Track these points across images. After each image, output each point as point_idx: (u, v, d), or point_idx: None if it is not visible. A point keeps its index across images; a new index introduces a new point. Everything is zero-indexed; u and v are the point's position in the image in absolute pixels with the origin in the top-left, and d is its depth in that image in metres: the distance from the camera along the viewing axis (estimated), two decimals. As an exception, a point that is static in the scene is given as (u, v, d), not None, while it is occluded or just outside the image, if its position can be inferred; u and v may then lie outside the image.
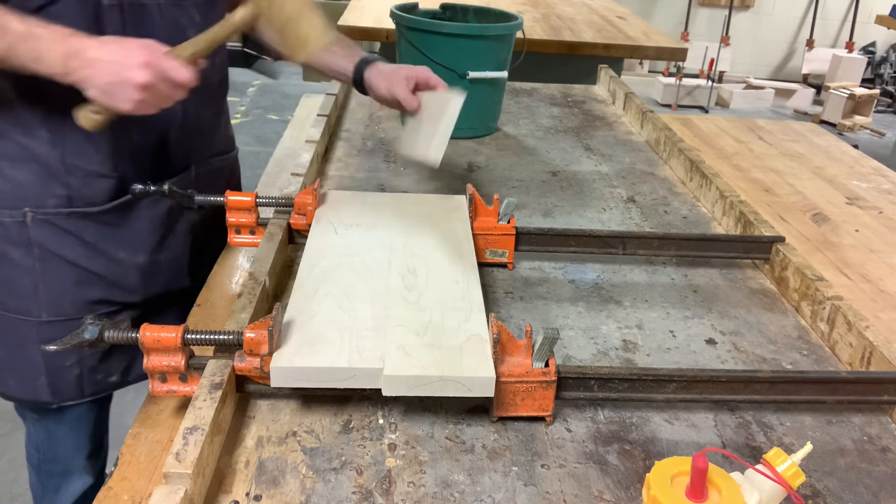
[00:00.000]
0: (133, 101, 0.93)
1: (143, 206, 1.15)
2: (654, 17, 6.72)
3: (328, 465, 0.78)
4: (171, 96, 0.97)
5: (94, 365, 1.16)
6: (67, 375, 1.15)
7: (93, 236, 1.11)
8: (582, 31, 2.82)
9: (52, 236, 1.09)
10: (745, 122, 2.28)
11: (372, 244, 1.09)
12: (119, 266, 1.15)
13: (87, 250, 1.12)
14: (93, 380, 1.17)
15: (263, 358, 0.81)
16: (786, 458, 0.68)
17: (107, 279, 1.14)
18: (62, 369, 1.14)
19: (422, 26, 1.69)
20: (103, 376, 1.18)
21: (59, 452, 1.29)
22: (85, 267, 1.12)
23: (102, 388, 1.19)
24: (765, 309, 1.15)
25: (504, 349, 0.83)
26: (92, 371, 1.16)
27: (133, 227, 1.15)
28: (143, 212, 1.15)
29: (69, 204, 1.08)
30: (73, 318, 1.12)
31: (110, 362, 1.18)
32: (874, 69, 6.86)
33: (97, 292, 1.14)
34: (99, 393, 1.19)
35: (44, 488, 1.34)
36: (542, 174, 1.62)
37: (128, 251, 1.15)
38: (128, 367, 1.20)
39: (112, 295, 1.16)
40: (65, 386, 1.16)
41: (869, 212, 1.64)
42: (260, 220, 1.19)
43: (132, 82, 0.92)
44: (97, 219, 1.11)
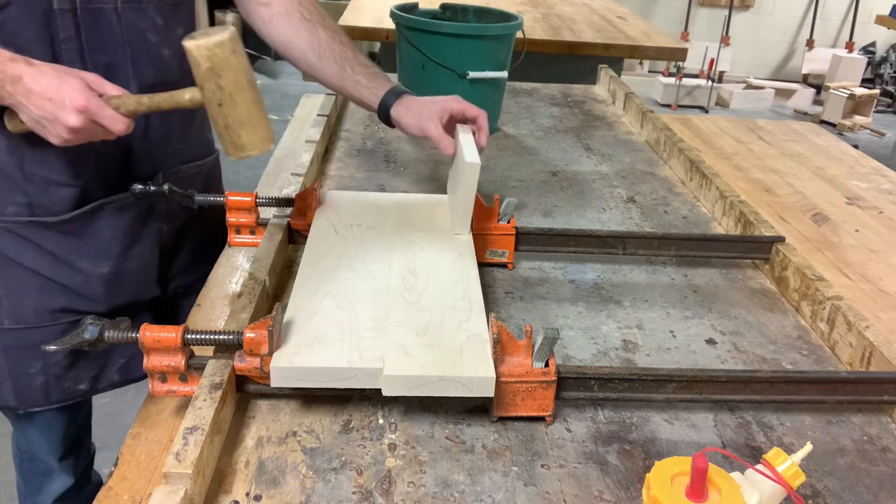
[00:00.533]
0: (61, 139, 0.91)
1: (106, 214, 1.11)
2: (654, 17, 6.72)
3: (328, 465, 0.78)
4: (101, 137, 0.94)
5: (59, 373, 1.13)
6: (32, 382, 1.12)
7: (54, 245, 1.08)
8: (582, 31, 2.82)
9: (12, 244, 1.06)
10: (745, 122, 2.28)
11: (372, 244, 1.09)
12: (82, 276, 1.11)
13: (49, 259, 1.09)
14: (59, 387, 1.14)
15: (263, 358, 0.81)
16: (786, 458, 0.68)
17: (70, 288, 1.11)
18: (26, 376, 1.12)
19: (422, 26, 1.69)
20: (70, 384, 1.15)
21: (38, 453, 1.29)
22: (47, 276, 1.09)
23: (70, 395, 1.16)
24: (765, 309, 1.15)
25: (504, 349, 0.83)
26: (58, 378, 1.14)
27: (96, 237, 1.12)
28: (107, 220, 1.11)
29: (29, 213, 1.06)
30: (35, 327, 1.10)
31: (78, 370, 1.15)
32: (874, 69, 6.86)
33: (60, 301, 1.11)
34: (67, 400, 1.16)
35: (27, 487, 1.34)
36: (542, 174, 1.62)
37: (90, 261, 1.12)
38: (97, 376, 1.17)
39: (76, 304, 1.12)
40: (29, 392, 1.13)
41: (869, 212, 1.64)
42: (260, 220, 1.19)
43: (63, 123, 0.88)
44: (58, 228, 1.08)
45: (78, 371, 1.15)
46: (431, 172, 1.59)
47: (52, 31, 0.97)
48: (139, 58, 1.06)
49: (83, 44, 1.00)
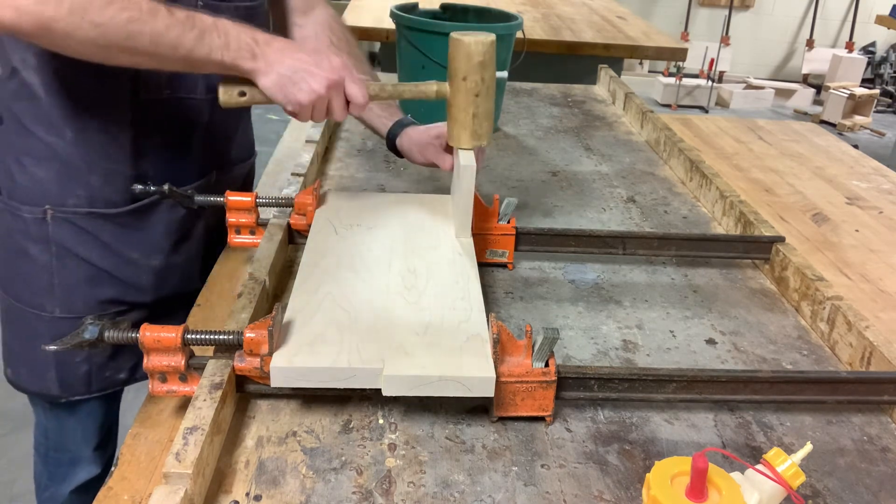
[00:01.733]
0: (307, 95, 0.94)
1: (161, 209, 1.16)
2: (654, 17, 6.72)
3: (328, 465, 0.78)
4: (335, 113, 0.98)
5: (102, 362, 1.17)
6: (76, 371, 1.16)
7: (110, 237, 1.12)
8: (582, 31, 2.82)
9: (70, 235, 1.10)
10: (745, 122, 2.28)
11: (372, 244, 1.09)
12: (133, 267, 1.16)
13: (103, 250, 1.13)
14: (101, 376, 1.19)
15: (263, 358, 0.81)
16: (786, 458, 0.68)
17: (120, 279, 1.15)
18: (71, 365, 1.15)
19: (422, 26, 1.68)
20: (112, 373, 1.19)
21: (69, 442, 1.30)
22: (100, 266, 1.13)
23: (110, 384, 1.21)
24: (765, 309, 1.15)
25: (504, 349, 0.83)
26: (101, 368, 1.18)
27: (150, 230, 1.16)
28: (161, 215, 1.16)
29: (89, 204, 1.10)
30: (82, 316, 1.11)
31: (119, 360, 1.19)
32: (874, 69, 6.86)
33: (110, 291, 1.15)
34: (107, 389, 1.21)
35: (50, 476, 1.35)
36: (542, 174, 1.62)
37: (143, 253, 1.16)
38: (136, 365, 1.21)
39: (124, 295, 1.17)
40: (73, 381, 1.17)
41: (869, 212, 1.64)
42: (260, 220, 1.19)
43: (317, 78, 0.94)
44: (115, 220, 1.12)
45: (119, 361, 1.19)
46: (431, 172, 1.59)
47: None
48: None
49: None
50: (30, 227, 1.09)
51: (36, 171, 1.07)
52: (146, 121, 1.08)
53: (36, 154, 1.06)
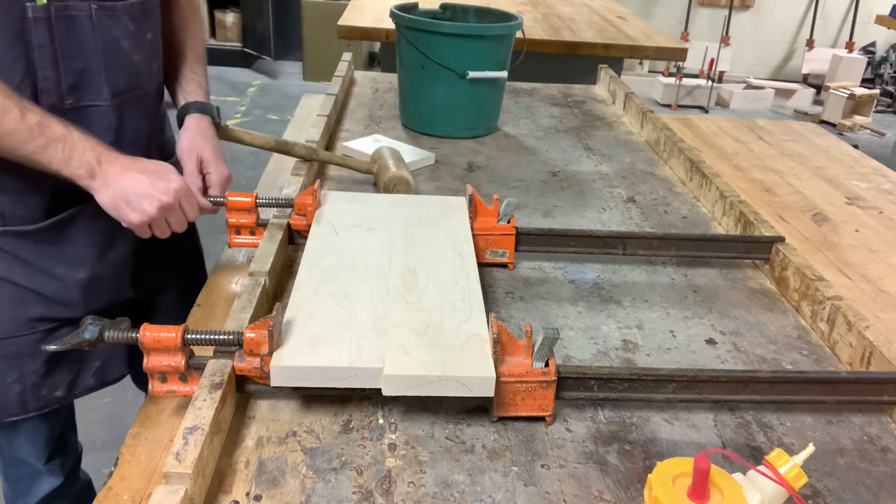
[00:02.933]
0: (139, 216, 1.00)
1: (81, 220, 1.11)
2: (654, 17, 6.71)
3: (328, 465, 0.78)
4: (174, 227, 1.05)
5: (36, 381, 1.13)
6: (8, 392, 1.12)
7: (30, 254, 1.08)
8: (582, 31, 2.82)
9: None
10: (745, 122, 2.28)
11: (372, 244, 1.09)
12: (59, 283, 1.11)
13: (25, 268, 1.08)
14: (37, 395, 1.14)
15: (263, 358, 0.81)
16: (788, 460, 0.68)
17: (46, 296, 1.11)
18: (3, 386, 1.11)
19: (422, 26, 1.69)
20: (47, 391, 1.15)
21: (23, 457, 1.28)
22: (23, 285, 1.09)
23: (47, 402, 1.16)
24: (765, 309, 1.15)
25: (504, 349, 0.83)
26: (35, 387, 1.13)
27: (71, 243, 1.12)
28: (81, 226, 1.12)
29: (3, 223, 1.06)
30: (11, 337, 1.10)
31: (55, 377, 1.15)
32: (874, 69, 6.85)
33: (37, 309, 1.11)
34: (44, 408, 1.16)
35: (13, 492, 1.33)
36: (542, 174, 1.62)
37: (67, 267, 1.12)
38: (73, 381, 1.17)
39: (52, 312, 1.12)
40: (7, 402, 1.13)
41: (869, 212, 1.64)
42: (260, 220, 1.19)
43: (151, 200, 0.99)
44: (34, 237, 1.08)
45: (54, 378, 1.15)
46: (431, 173, 1.59)
47: (26, 39, 0.97)
48: (112, 64, 1.07)
49: (57, 51, 1.00)
50: None
51: None
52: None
53: None
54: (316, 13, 5.83)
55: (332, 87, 1.90)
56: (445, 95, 1.75)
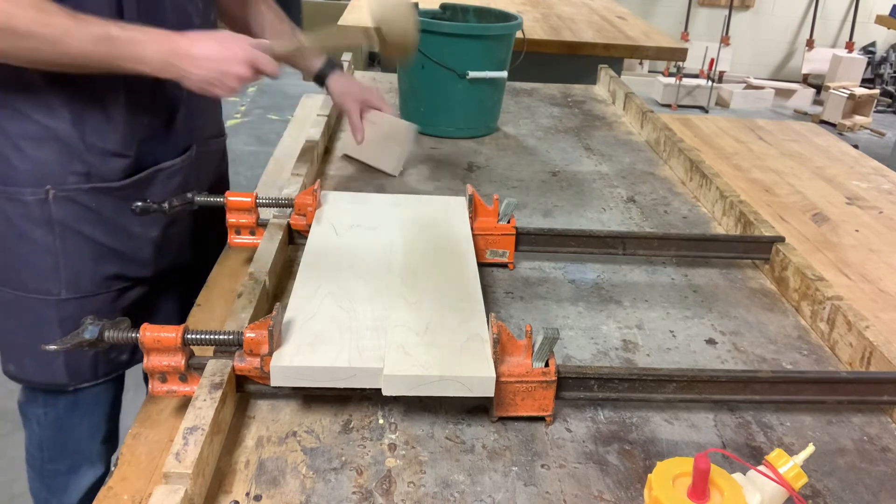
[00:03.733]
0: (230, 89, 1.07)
1: (158, 181, 1.19)
2: (654, 17, 6.71)
3: (328, 465, 0.78)
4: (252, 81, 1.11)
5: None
6: (85, 355, 1.17)
7: (111, 211, 1.15)
8: (582, 31, 2.82)
9: (72, 213, 1.12)
10: (745, 122, 2.28)
11: (372, 244, 1.09)
12: (134, 241, 1.19)
13: (106, 225, 1.15)
14: (107, 359, 1.19)
15: (263, 358, 0.81)
16: (788, 460, 0.68)
17: (123, 253, 1.18)
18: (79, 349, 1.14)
19: (422, 26, 1.68)
20: (116, 354, 1.20)
21: (70, 444, 1.28)
22: (102, 242, 1.15)
23: (114, 367, 1.21)
24: (765, 309, 1.15)
25: (504, 349, 0.83)
26: (106, 350, 1.18)
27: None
28: (157, 187, 1.20)
29: (88, 180, 1.12)
30: (90, 295, 1.16)
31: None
32: (874, 69, 6.85)
33: (113, 267, 1.18)
34: (111, 373, 1.21)
35: (49, 490, 1.32)
36: (542, 174, 1.62)
37: (143, 225, 1.19)
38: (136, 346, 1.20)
39: (127, 270, 1.19)
40: (81, 367, 1.17)
41: (869, 212, 1.64)
42: (260, 220, 1.19)
43: (233, 76, 1.06)
44: (116, 194, 1.14)
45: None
46: (431, 172, 1.59)
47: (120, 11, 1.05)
48: None
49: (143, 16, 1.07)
50: (32, 210, 1.10)
51: (35, 153, 1.09)
52: (137, 102, 1.12)
53: (34, 136, 1.08)
54: (316, 13, 5.82)
55: (332, 87, 1.89)
56: (445, 95, 1.75)
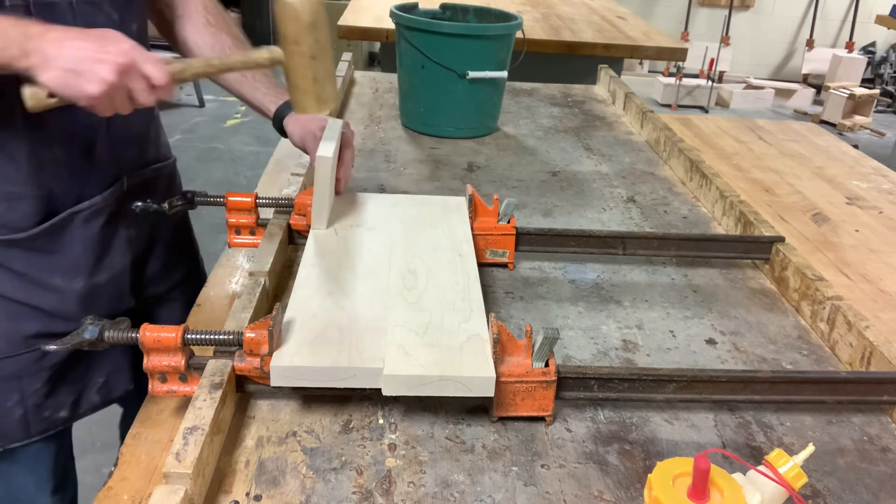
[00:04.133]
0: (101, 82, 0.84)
1: (75, 225, 1.05)
2: (654, 17, 6.71)
3: (328, 465, 0.78)
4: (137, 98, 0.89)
5: (38, 402, 1.07)
6: (10, 416, 1.06)
7: (22, 265, 1.02)
8: (582, 31, 2.82)
9: None
10: (745, 122, 2.28)
11: (372, 245, 1.09)
12: (55, 294, 1.05)
13: (18, 281, 1.02)
14: (39, 417, 1.08)
15: (263, 358, 0.81)
16: (788, 460, 0.68)
17: (44, 310, 1.05)
18: (3, 410, 1.05)
19: (421, 26, 1.69)
20: (51, 412, 1.09)
21: (21, 497, 1.18)
22: (17, 300, 1.03)
23: (51, 424, 1.10)
24: (765, 309, 1.15)
25: (504, 349, 0.83)
26: (37, 408, 1.07)
27: (66, 250, 1.05)
28: (77, 231, 1.05)
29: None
30: (8, 356, 1.04)
31: (58, 396, 1.09)
32: (874, 69, 6.86)
33: (34, 325, 1.05)
34: (48, 431, 1.10)
35: None
36: (542, 174, 1.62)
37: (63, 277, 1.05)
38: (77, 400, 1.12)
39: (50, 327, 1.05)
40: (8, 427, 1.06)
41: (869, 212, 1.64)
42: (260, 220, 1.19)
43: (107, 62, 0.83)
44: (26, 245, 1.01)
45: (57, 398, 1.09)
46: (431, 172, 1.59)
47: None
48: None
49: None
50: None
51: None
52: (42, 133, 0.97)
53: None
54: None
55: (332, 87, 1.90)
56: (445, 95, 1.75)
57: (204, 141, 4.71)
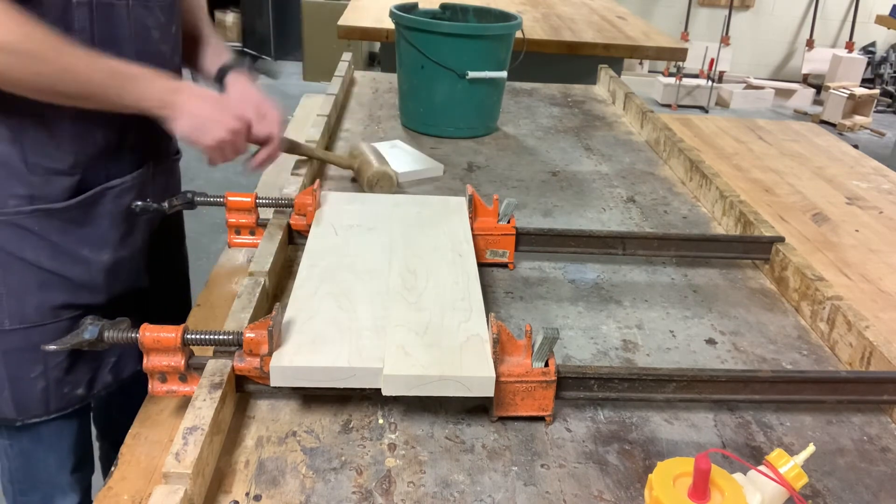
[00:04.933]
0: (217, 139, 1.08)
1: (106, 200, 1.12)
2: (654, 17, 6.72)
3: (328, 465, 0.78)
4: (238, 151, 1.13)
5: (59, 377, 1.11)
6: (33, 389, 1.09)
7: (57, 235, 1.07)
8: (582, 31, 2.82)
9: (14, 238, 1.04)
10: (745, 122, 2.28)
11: (372, 245, 1.09)
12: (83, 265, 1.10)
13: (52, 250, 1.07)
14: (59, 393, 1.12)
15: (263, 358, 0.81)
16: (788, 460, 0.68)
17: (72, 280, 1.10)
18: (27, 381, 1.09)
19: (421, 26, 1.69)
20: (69, 388, 1.13)
21: (39, 475, 1.21)
22: (49, 269, 1.08)
23: (68, 402, 1.13)
24: (765, 309, 1.15)
25: (504, 349, 0.83)
26: (58, 384, 1.11)
27: (96, 224, 1.11)
28: (106, 207, 1.12)
29: (31, 202, 1.04)
30: (37, 325, 1.08)
31: (76, 373, 1.13)
32: (874, 69, 6.86)
33: (62, 296, 1.09)
34: (65, 408, 1.14)
35: None
36: (542, 174, 1.62)
37: (92, 249, 1.11)
38: (93, 378, 1.16)
39: (77, 297, 1.11)
40: (30, 401, 1.10)
41: (869, 212, 1.64)
42: (260, 220, 1.19)
43: (225, 124, 1.08)
44: (61, 216, 1.07)
45: (76, 374, 1.13)
46: (431, 172, 1.59)
47: (67, 21, 0.99)
48: (144, 53, 1.09)
49: (94, 36, 1.02)
50: None
51: None
52: (85, 117, 1.04)
53: None
54: (316, 13, 5.83)
55: (332, 87, 1.90)
56: (445, 95, 1.75)
57: (204, 141, 4.70)
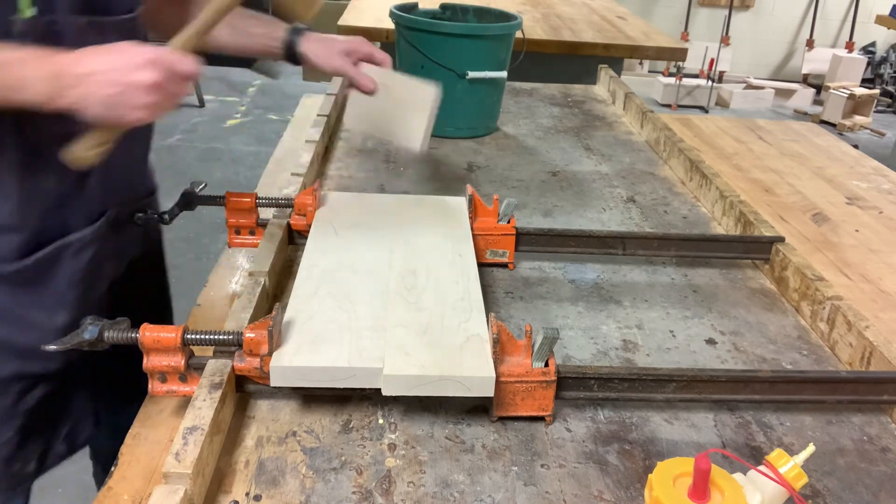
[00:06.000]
0: (143, 106, 0.83)
1: (64, 258, 1.00)
2: (654, 17, 6.71)
3: (328, 465, 0.78)
4: (179, 94, 0.87)
5: (9, 454, 1.02)
6: None
7: (6, 300, 0.96)
8: (582, 31, 2.82)
9: None
10: (745, 122, 2.27)
11: (372, 245, 1.09)
12: (36, 332, 0.97)
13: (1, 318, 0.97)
14: (9, 472, 1.02)
15: (263, 358, 0.81)
16: (788, 460, 0.68)
17: (21, 349, 0.98)
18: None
19: (421, 26, 1.68)
20: (20, 466, 1.03)
21: None
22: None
23: (19, 480, 1.04)
24: (765, 309, 1.15)
25: (504, 349, 0.83)
26: (8, 462, 1.01)
27: (52, 284, 1.00)
28: (65, 265, 1.00)
29: None
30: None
31: (28, 447, 1.04)
32: (874, 69, 6.85)
33: (11, 366, 0.99)
34: (14, 487, 1.05)
35: None
36: (542, 174, 1.62)
37: (46, 313, 0.99)
38: (45, 451, 1.06)
39: (28, 367, 1.00)
40: None
41: (869, 212, 1.64)
42: (260, 220, 1.19)
43: (139, 85, 0.82)
44: (11, 279, 0.96)
45: (27, 451, 1.04)
46: (432, 172, 1.59)
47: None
48: None
49: None
50: None
51: None
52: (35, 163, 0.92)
53: None
54: (316, 13, 5.83)
55: (332, 86, 1.90)
56: (445, 95, 1.74)
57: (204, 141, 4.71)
